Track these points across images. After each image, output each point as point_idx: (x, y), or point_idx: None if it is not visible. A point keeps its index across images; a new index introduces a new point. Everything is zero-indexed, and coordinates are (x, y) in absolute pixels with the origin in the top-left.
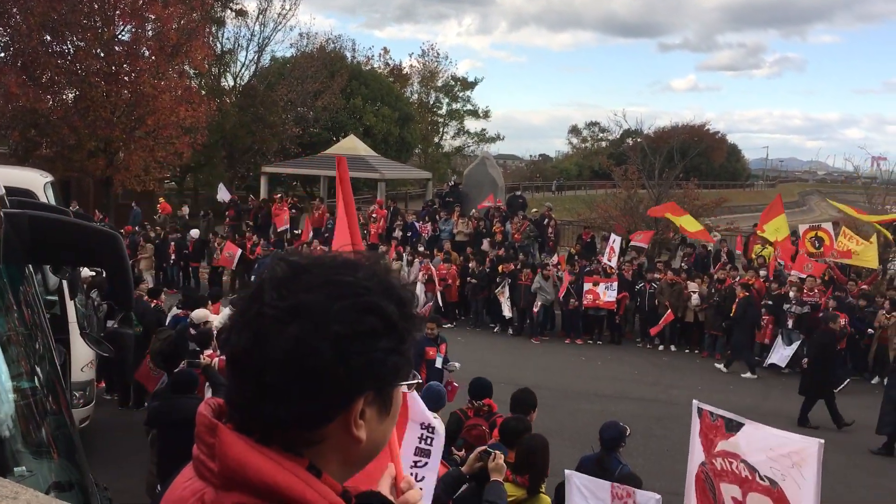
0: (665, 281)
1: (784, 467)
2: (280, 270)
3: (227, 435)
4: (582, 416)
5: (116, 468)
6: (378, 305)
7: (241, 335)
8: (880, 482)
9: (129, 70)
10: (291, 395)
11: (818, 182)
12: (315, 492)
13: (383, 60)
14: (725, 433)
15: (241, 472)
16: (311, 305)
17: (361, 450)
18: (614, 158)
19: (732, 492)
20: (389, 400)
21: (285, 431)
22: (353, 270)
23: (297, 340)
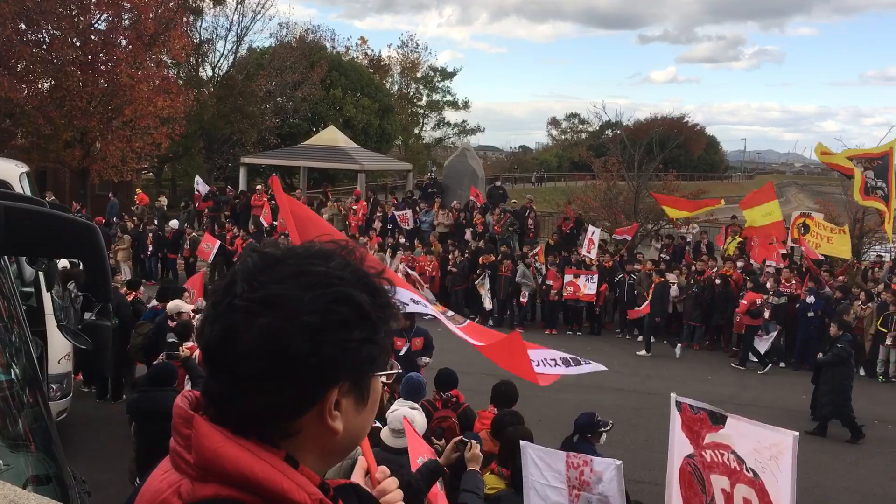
0: (644, 272)
1: (764, 459)
2: (252, 262)
3: (203, 426)
4: (561, 407)
5: (95, 461)
6: (350, 295)
7: (214, 327)
8: (858, 472)
9: (105, 59)
10: (265, 387)
11: (795, 174)
12: (292, 482)
13: (362, 51)
14: (712, 425)
15: (218, 464)
16: (282, 296)
17: (339, 441)
18: (594, 150)
19: (722, 483)
20: (367, 390)
21: (261, 423)
22: (325, 260)
23: (268, 331)
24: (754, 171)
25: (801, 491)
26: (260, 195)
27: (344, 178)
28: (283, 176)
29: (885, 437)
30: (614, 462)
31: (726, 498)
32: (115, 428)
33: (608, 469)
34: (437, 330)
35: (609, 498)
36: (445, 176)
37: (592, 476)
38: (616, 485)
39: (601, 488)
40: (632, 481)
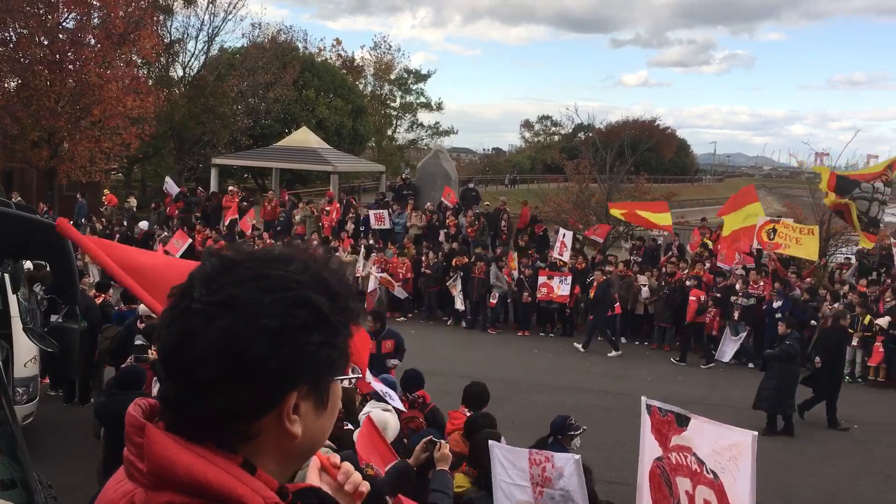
0: (615, 274)
1: (724, 460)
2: (210, 265)
3: (155, 434)
4: (533, 408)
5: (61, 465)
6: (308, 298)
7: (171, 331)
8: (823, 469)
9: (73, 59)
10: (222, 390)
11: (764, 177)
12: (247, 487)
13: (335, 52)
14: (677, 428)
15: (171, 471)
16: (240, 299)
17: (298, 445)
18: (566, 152)
19: (686, 486)
20: (326, 394)
21: (218, 427)
22: (284, 264)
23: (226, 334)
24: (724, 174)
25: (767, 490)
26: (232, 196)
27: (316, 180)
28: (255, 177)
29: (850, 435)
30: (573, 457)
31: (689, 500)
32: (83, 432)
33: (568, 464)
34: (410, 332)
35: (571, 493)
36: (418, 178)
37: (554, 472)
38: (577, 479)
39: (562, 484)
40: (603, 482)
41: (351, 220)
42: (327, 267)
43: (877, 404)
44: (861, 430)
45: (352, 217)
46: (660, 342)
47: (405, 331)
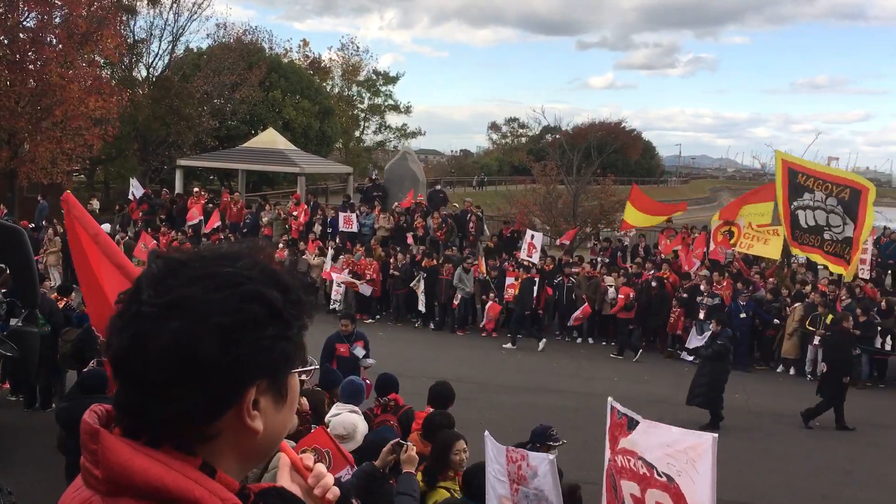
0: (583, 275)
1: (680, 463)
2: (157, 267)
3: (109, 441)
4: (501, 409)
5: (22, 471)
6: (260, 293)
7: (121, 336)
8: (787, 467)
9: (34, 58)
10: (177, 393)
11: (728, 179)
12: (205, 489)
13: (303, 53)
14: (626, 431)
15: (127, 477)
16: (190, 299)
17: (259, 441)
18: (534, 154)
19: (631, 489)
20: (284, 387)
21: (176, 430)
22: (232, 261)
23: (178, 335)
24: (689, 176)
25: (732, 489)
26: (197, 198)
27: (283, 181)
28: (220, 179)
29: (811, 433)
30: (547, 457)
31: (636, 503)
32: (44, 438)
33: (542, 464)
34: (379, 334)
35: (545, 492)
36: (386, 179)
37: (529, 471)
38: (550, 479)
39: (536, 483)
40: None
41: (318, 221)
42: (276, 261)
43: None
44: (822, 428)
45: (319, 219)
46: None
47: (373, 333)
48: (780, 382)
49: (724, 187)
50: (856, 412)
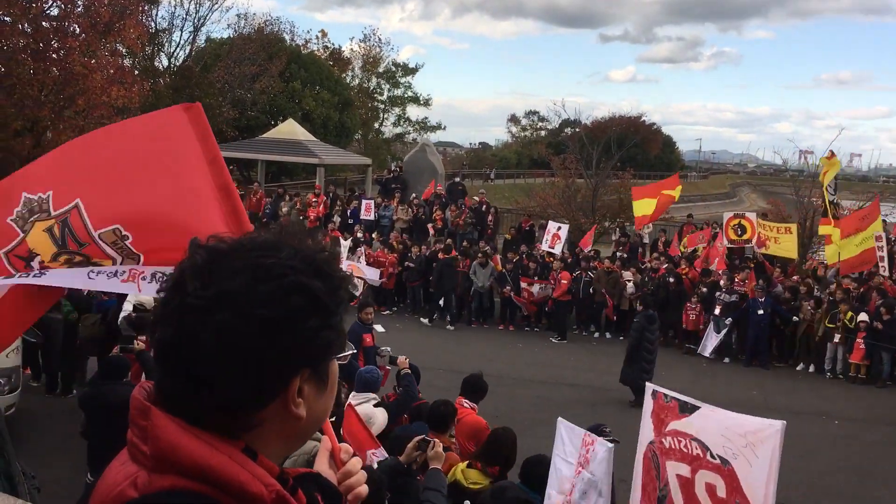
0: (602, 269)
1: (738, 447)
2: (199, 258)
3: (159, 418)
4: (518, 402)
5: (45, 456)
6: (303, 284)
7: (167, 328)
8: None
9: (57, 47)
10: (223, 384)
11: (748, 174)
12: (249, 473)
13: (322, 44)
14: (679, 414)
15: (174, 455)
16: (235, 291)
17: (302, 426)
18: (553, 148)
19: (680, 469)
20: (326, 374)
21: (221, 418)
22: (275, 251)
23: (223, 328)
24: (709, 171)
25: None
26: None
27: (302, 172)
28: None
29: (830, 431)
30: (607, 444)
31: (684, 483)
32: (66, 423)
33: (602, 450)
34: (396, 326)
35: (596, 479)
36: (405, 171)
37: (592, 454)
38: (605, 466)
39: (593, 467)
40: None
41: (338, 213)
42: (317, 250)
43: (857, 400)
44: (841, 426)
45: (338, 210)
46: None
47: (390, 324)
48: (798, 380)
49: (744, 182)
50: (877, 410)
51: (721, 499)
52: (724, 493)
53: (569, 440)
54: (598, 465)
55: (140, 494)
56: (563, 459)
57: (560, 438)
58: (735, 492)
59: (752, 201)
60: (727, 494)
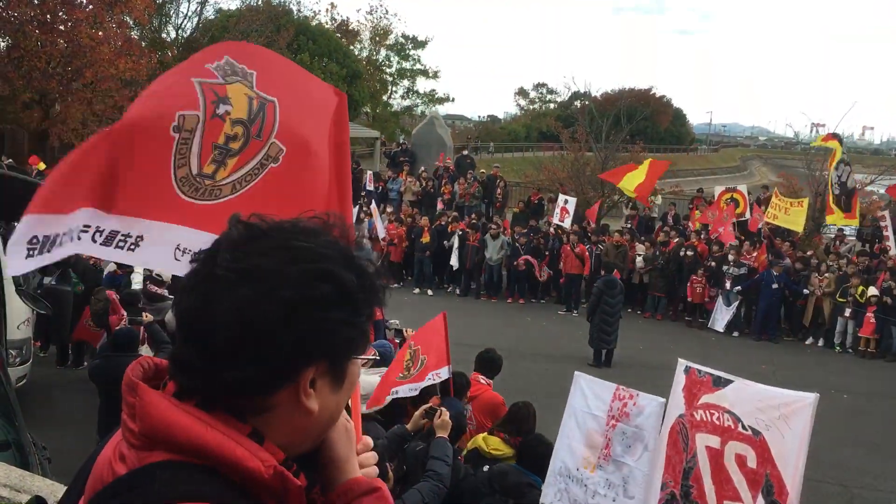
0: (610, 243)
1: (770, 418)
2: (237, 232)
3: (148, 395)
4: (526, 376)
5: (55, 427)
6: (334, 273)
7: (192, 296)
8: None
9: (65, 19)
10: (238, 359)
11: (759, 147)
12: (245, 449)
13: (330, 16)
14: (712, 388)
15: (165, 432)
16: (264, 269)
17: (313, 421)
18: (562, 120)
19: (709, 441)
20: (343, 373)
21: (231, 396)
22: (312, 236)
23: (246, 303)
24: (720, 144)
25: None
26: None
27: None
28: None
29: (839, 405)
30: (658, 399)
31: (713, 455)
32: (76, 394)
33: (651, 404)
34: (404, 299)
35: (643, 432)
36: (413, 144)
37: (634, 408)
38: (654, 421)
39: (639, 421)
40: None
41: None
42: (356, 243)
43: (866, 374)
44: (850, 400)
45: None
46: (653, 311)
47: (399, 298)
48: (807, 354)
49: (755, 156)
50: (886, 385)
51: (751, 469)
52: (755, 464)
53: (592, 394)
54: (646, 419)
55: (128, 470)
56: (588, 413)
57: (581, 393)
58: (766, 462)
59: (763, 175)
60: (757, 465)
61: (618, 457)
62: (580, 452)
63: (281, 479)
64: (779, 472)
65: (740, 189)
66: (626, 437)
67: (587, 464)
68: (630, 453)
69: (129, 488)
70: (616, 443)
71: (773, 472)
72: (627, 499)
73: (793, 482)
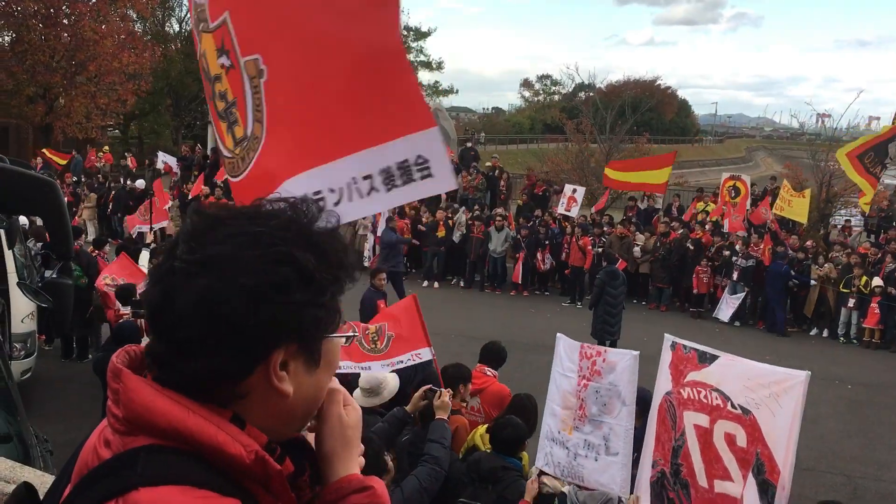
0: (614, 235)
1: (760, 397)
2: (192, 223)
3: (131, 380)
4: (529, 368)
5: (59, 420)
6: (292, 255)
7: (155, 290)
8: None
9: (68, 13)
10: (204, 349)
11: (765, 138)
12: (226, 434)
13: None
14: (698, 364)
15: (147, 417)
16: (220, 257)
17: (290, 404)
18: (567, 112)
19: (698, 419)
20: (317, 352)
21: (204, 385)
22: (269, 219)
23: (204, 293)
24: (724, 136)
25: None
26: None
27: None
28: None
29: (843, 395)
30: (631, 353)
31: (702, 434)
32: (81, 387)
33: (623, 359)
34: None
35: (618, 387)
36: None
37: (605, 365)
38: (628, 375)
39: (612, 378)
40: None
41: None
42: (316, 222)
43: (871, 365)
44: (854, 391)
45: None
46: (657, 302)
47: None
48: (812, 344)
49: (760, 147)
50: (890, 375)
51: (741, 448)
52: (745, 443)
53: (566, 355)
54: (620, 374)
55: (113, 454)
56: (563, 375)
57: (558, 355)
58: (756, 441)
59: (768, 165)
60: (748, 444)
61: (594, 417)
62: (559, 414)
63: (262, 464)
64: (770, 452)
65: (744, 178)
66: (600, 395)
67: (564, 426)
68: (607, 411)
69: (112, 471)
70: (590, 402)
71: (764, 452)
72: (611, 456)
73: (784, 461)
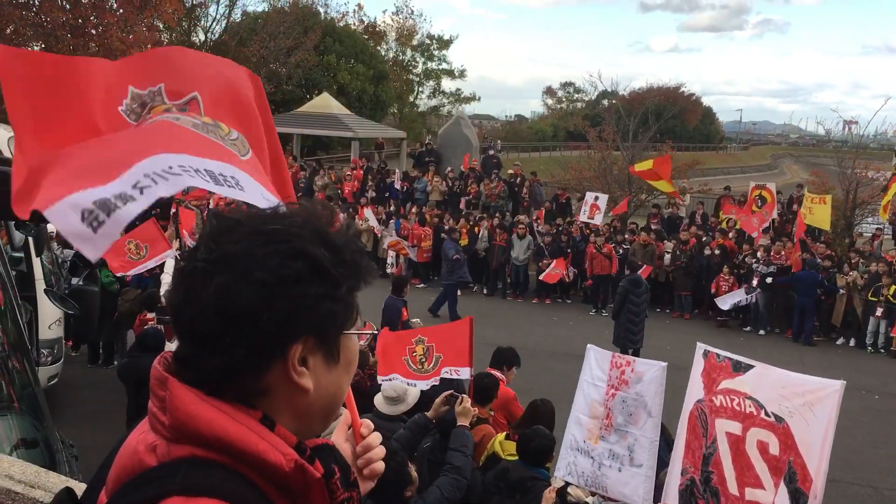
0: (638, 242)
1: (795, 405)
2: (211, 226)
3: (177, 388)
4: (551, 376)
5: (86, 425)
6: (305, 250)
7: (177, 291)
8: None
9: (96, 23)
10: (222, 344)
11: (790, 145)
12: (267, 443)
13: (357, 17)
14: (732, 373)
15: (192, 425)
16: (236, 254)
17: (312, 400)
18: (589, 120)
19: (730, 427)
20: (336, 348)
21: (226, 381)
22: (281, 219)
23: (221, 289)
24: (749, 143)
25: None
26: None
27: (338, 146)
28: None
29: (870, 406)
30: (659, 364)
31: (734, 441)
32: (106, 393)
33: (650, 370)
34: (431, 300)
35: (644, 398)
36: (439, 144)
37: (633, 376)
38: (655, 386)
39: (639, 388)
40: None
41: (371, 188)
42: (330, 222)
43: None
44: (881, 401)
45: (372, 186)
46: (681, 311)
47: (426, 297)
48: (838, 353)
49: (786, 154)
50: None
51: (773, 456)
52: (778, 451)
53: (596, 364)
54: (647, 385)
55: (159, 462)
56: (592, 384)
57: (588, 364)
58: (789, 450)
59: (794, 173)
60: (780, 452)
61: (620, 427)
62: (585, 424)
63: (301, 472)
64: (802, 460)
65: (769, 186)
66: (627, 405)
67: (591, 435)
68: (633, 421)
69: (153, 479)
70: (616, 412)
71: (797, 460)
72: (634, 467)
73: (817, 470)
